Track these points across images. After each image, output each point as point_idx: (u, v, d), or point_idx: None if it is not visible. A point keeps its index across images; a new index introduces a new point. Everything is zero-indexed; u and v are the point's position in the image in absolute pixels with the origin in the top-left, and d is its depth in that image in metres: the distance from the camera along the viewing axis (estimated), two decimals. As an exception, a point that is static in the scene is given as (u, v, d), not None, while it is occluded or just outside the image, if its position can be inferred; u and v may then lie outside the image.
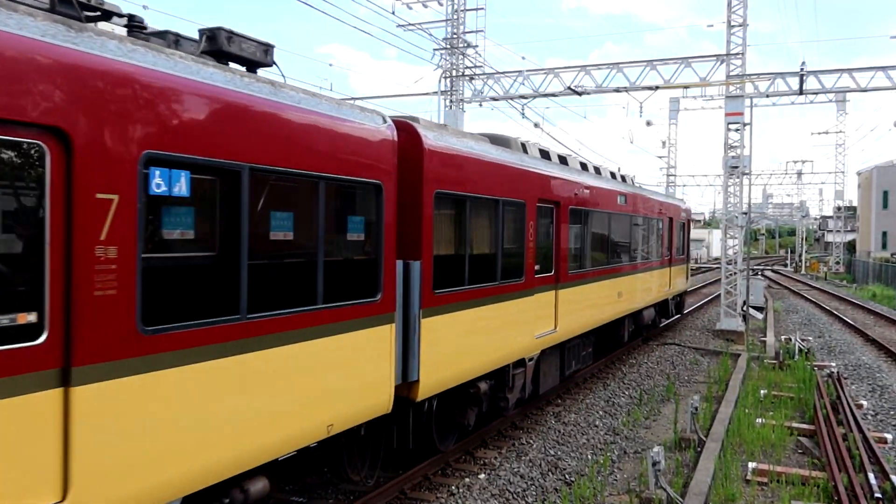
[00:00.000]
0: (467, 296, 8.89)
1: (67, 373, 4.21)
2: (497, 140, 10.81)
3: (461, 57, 26.59)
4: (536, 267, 10.94)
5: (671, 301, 22.46)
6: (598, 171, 15.55)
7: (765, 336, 22.57)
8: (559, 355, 12.54)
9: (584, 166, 14.58)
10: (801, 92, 22.97)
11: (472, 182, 9.06)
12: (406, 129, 7.96)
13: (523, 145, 11.65)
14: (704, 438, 10.48)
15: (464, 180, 8.87)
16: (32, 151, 4.10)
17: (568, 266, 12.29)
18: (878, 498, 8.34)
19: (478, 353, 9.24)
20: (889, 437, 11.39)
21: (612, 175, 16.81)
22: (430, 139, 8.13)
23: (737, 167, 22.70)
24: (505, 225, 9.90)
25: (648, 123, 47.69)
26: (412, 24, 26.41)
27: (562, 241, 12.04)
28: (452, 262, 8.77)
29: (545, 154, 12.48)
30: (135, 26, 5.38)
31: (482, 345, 9.38)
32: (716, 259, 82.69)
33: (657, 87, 23.59)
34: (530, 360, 10.98)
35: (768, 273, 59.23)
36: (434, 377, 8.13)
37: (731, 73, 22.18)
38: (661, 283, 20.01)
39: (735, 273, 23.34)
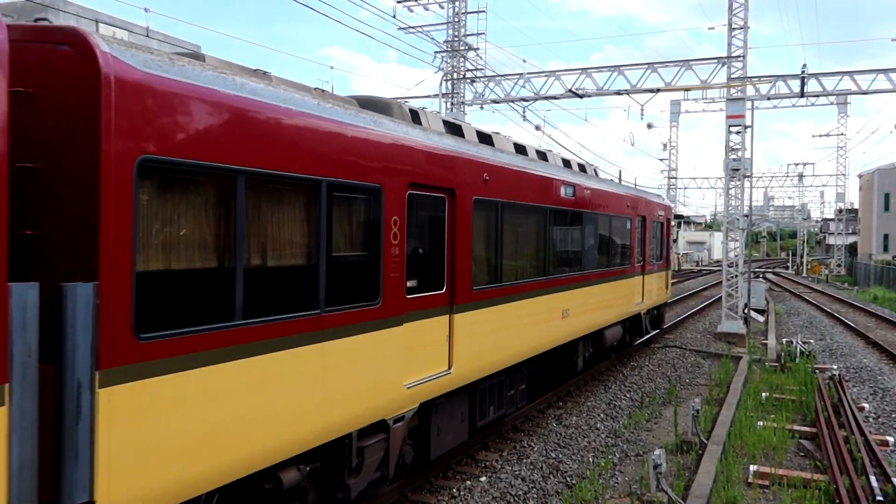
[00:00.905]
0: (236, 337, 5.31)
1: None
2: (370, 104, 7.95)
3: (462, 60, 26.62)
4: (410, 283, 7.58)
5: (645, 316, 18.44)
6: (543, 156, 12.59)
7: (766, 339, 22.56)
8: (466, 401, 9.31)
9: (520, 149, 11.69)
10: (802, 94, 22.98)
11: (251, 148, 5.45)
12: (57, 39, 4.49)
13: (414, 112, 8.81)
14: (706, 441, 10.47)
15: (227, 143, 5.25)
16: None
17: (472, 280, 8.82)
18: (879, 501, 8.34)
19: (267, 429, 5.66)
20: (891, 439, 11.37)
21: (566, 163, 13.75)
22: (123, 61, 4.53)
23: (738, 169, 22.72)
24: (337, 220, 6.52)
25: (650, 126, 47.91)
26: (413, 27, 26.46)
27: (460, 246, 8.52)
28: (200, 283, 5.28)
29: (455, 129, 9.66)
30: None
31: (280, 413, 5.78)
32: (717, 261, 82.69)
33: (658, 90, 23.62)
34: (398, 420, 7.49)
35: (769, 276, 59.20)
36: (146, 486, 4.66)
37: (732, 76, 22.20)
38: (630, 295, 16.45)
39: (736, 275, 23.34)
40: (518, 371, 10.84)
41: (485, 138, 10.46)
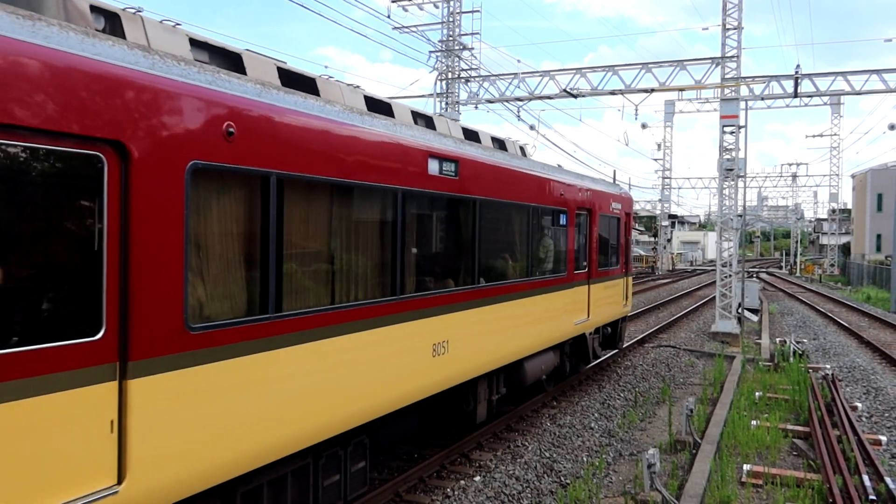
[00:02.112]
0: None
1: None
2: None
3: (457, 59, 26.62)
4: None
5: (593, 336, 14.55)
6: (429, 122, 9.39)
7: (760, 338, 22.61)
8: None
9: (378, 106, 8.25)
10: (795, 95, 23.07)
11: None
12: None
13: (112, 17, 5.50)
14: (699, 440, 10.49)
15: None
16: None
17: (189, 312, 5.05)
18: (872, 500, 8.36)
19: None
20: (883, 438, 11.40)
21: (471, 134, 10.48)
22: None
23: (732, 170, 22.77)
24: None
25: (644, 126, 48.02)
26: (408, 27, 26.45)
27: (149, 249, 4.76)
28: None
29: (230, 62, 6.39)
30: None
31: None
32: (711, 261, 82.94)
33: (652, 90, 23.66)
34: None
35: (763, 275, 59.41)
36: None
37: (726, 76, 22.25)
38: (568, 312, 12.52)
39: (730, 275, 23.39)
40: (347, 444, 7.18)
41: (298, 82, 6.98)
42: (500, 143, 11.52)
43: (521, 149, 12.68)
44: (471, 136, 10.41)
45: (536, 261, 11.29)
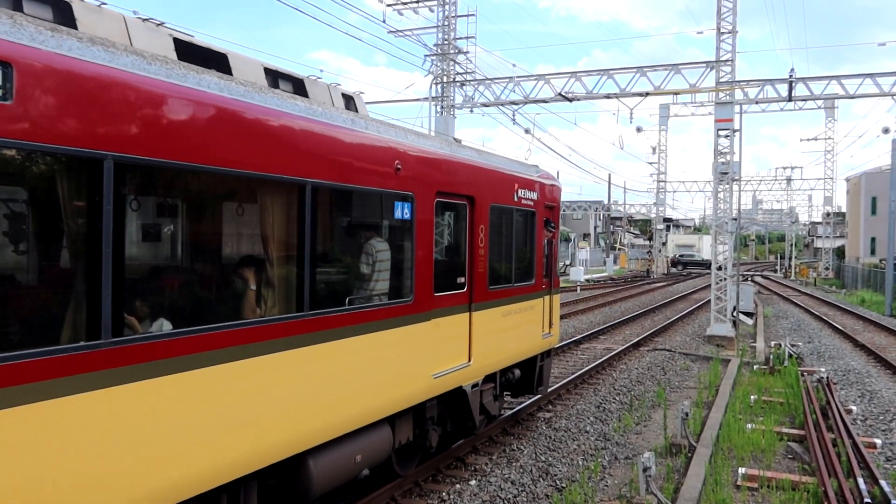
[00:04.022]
0: None
1: None
2: None
3: (452, 63, 26.64)
4: None
5: (476, 390, 9.53)
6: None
7: (755, 342, 22.66)
8: None
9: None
10: (790, 99, 23.18)
11: None
12: None
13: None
14: (695, 444, 10.49)
15: None
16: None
17: None
18: (867, 503, 8.37)
19: None
20: (878, 441, 11.42)
21: (204, 55, 6.11)
22: None
23: (726, 173, 22.83)
24: None
25: (639, 130, 48.17)
26: (403, 31, 26.46)
27: None
28: None
29: None
30: None
31: None
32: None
33: (647, 94, 23.73)
34: None
35: (758, 279, 59.54)
36: None
37: (721, 80, 22.32)
38: (418, 359, 7.88)
39: (725, 279, 23.43)
40: None
41: None
42: (294, 83, 7.23)
43: (349, 98, 8.20)
44: (204, 57, 6.06)
45: (333, 281, 6.92)
